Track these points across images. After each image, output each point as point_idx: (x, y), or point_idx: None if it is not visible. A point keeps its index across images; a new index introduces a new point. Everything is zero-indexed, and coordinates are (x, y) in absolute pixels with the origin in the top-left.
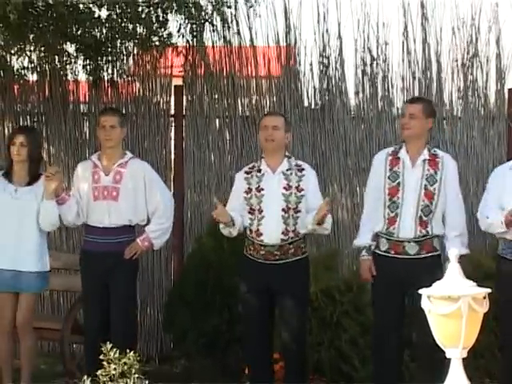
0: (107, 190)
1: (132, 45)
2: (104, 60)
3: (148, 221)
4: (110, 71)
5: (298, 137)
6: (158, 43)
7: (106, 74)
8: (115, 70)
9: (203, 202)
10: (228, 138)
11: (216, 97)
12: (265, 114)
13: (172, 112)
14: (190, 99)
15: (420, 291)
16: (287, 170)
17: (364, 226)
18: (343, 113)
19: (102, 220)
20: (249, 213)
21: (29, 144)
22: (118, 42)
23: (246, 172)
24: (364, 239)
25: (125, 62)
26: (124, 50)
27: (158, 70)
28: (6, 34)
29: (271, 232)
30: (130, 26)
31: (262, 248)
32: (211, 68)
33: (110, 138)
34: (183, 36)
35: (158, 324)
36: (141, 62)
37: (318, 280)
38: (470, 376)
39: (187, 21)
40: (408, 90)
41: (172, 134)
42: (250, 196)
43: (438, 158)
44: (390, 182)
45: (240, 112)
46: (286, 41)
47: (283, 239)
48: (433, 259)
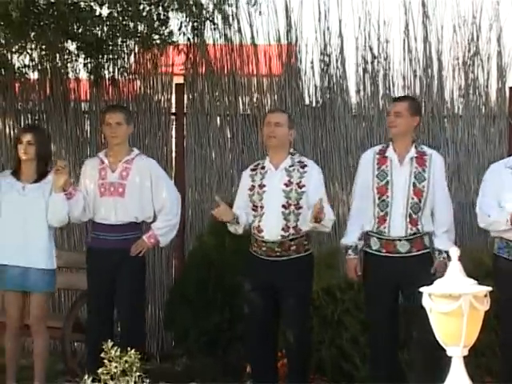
0: (113, 187)
1: (133, 43)
2: (105, 58)
3: (154, 218)
4: (111, 69)
5: (299, 135)
6: (159, 41)
7: (107, 72)
8: (116, 68)
9: (204, 199)
10: (229, 136)
11: (217, 95)
12: (269, 110)
13: (173, 110)
14: (191, 97)
15: (421, 289)
16: (290, 166)
17: (351, 225)
18: (344, 111)
19: (108, 217)
20: (252, 209)
21: (36, 142)
22: (119, 40)
23: (251, 169)
24: (351, 238)
25: (126, 60)
26: (125, 48)
27: (159, 68)
28: (7, 32)
29: (271, 228)
30: (131, 24)
31: (264, 244)
32: (212, 66)
33: (116, 135)
34: (184, 34)
35: (159, 322)
36: (142, 60)
37: (319, 278)
38: (471, 374)
39: (188, 19)
40: (409, 88)
41: (173, 132)
42: (252, 193)
43: (426, 156)
44: (378, 181)
45: (241, 110)
46: (287, 39)
47: (283, 235)
48: (424, 257)
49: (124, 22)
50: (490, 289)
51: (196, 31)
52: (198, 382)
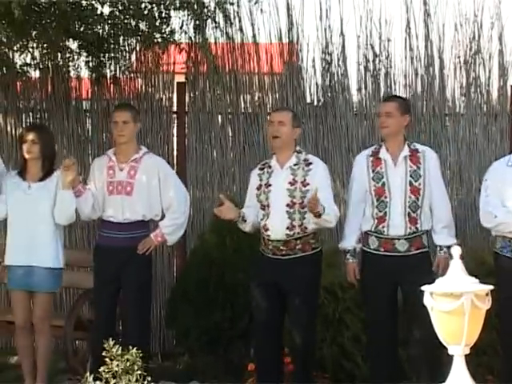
0: (121, 185)
1: (134, 41)
2: (106, 57)
3: (163, 216)
4: (113, 68)
5: (301, 133)
6: (160, 40)
7: (108, 71)
8: (118, 66)
9: (206, 198)
10: (230, 135)
11: (218, 93)
12: (273, 109)
13: (174, 108)
14: (192, 96)
15: (422, 288)
16: (294, 165)
17: (349, 229)
18: (346, 109)
19: (116, 215)
20: (261, 208)
21: (40, 141)
22: (121, 39)
23: (259, 168)
24: (349, 242)
25: (127, 58)
26: (126, 47)
27: (161, 67)
28: (8, 31)
29: (276, 227)
30: (133, 23)
31: (270, 243)
32: (214, 64)
33: (123, 133)
34: (186, 33)
35: (160, 320)
36: (143, 58)
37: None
38: (472, 373)
39: (190, 17)
40: (410, 87)
41: (174, 131)
42: (259, 192)
43: (419, 153)
44: (374, 184)
45: (242, 108)
46: (289, 37)
47: (288, 234)
48: (422, 256)
49: (125, 21)
50: (492, 287)
51: (198, 30)
52: (200, 381)
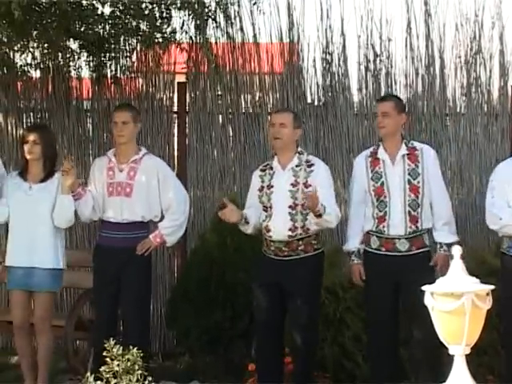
0: (121, 186)
1: (135, 41)
2: (107, 57)
3: (162, 217)
4: (113, 68)
5: (301, 133)
6: (161, 40)
7: (109, 71)
8: (118, 66)
9: (206, 198)
10: (231, 134)
11: (219, 93)
12: (274, 110)
13: (175, 108)
14: (193, 95)
15: (423, 288)
16: (296, 166)
17: (351, 230)
18: (346, 109)
19: (115, 216)
20: (263, 210)
21: (41, 142)
22: (121, 39)
23: (261, 170)
24: (353, 243)
25: (128, 58)
26: (127, 47)
27: (161, 67)
28: (9, 31)
29: (278, 228)
30: (134, 23)
31: (272, 244)
32: (214, 63)
33: (123, 134)
34: (186, 32)
35: (161, 320)
36: (144, 58)
37: None
38: (473, 373)
39: (190, 17)
40: (411, 87)
41: (175, 131)
42: (261, 194)
43: (417, 151)
44: (373, 184)
45: (243, 108)
46: (289, 37)
47: (290, 235)
48: (424, 255)
49: (126, 21)
50: (493, 287)
51: (198, 30)
52: (200, 380)
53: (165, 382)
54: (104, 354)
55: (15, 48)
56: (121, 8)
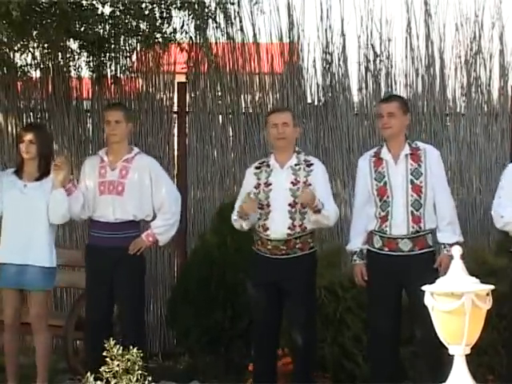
0: (113, 185)
1: (135, 41)
2: (107, 57)
3: (154, 216)
4: (113, 68)
5: (301, 133)
6: (161, 40)
7: (109, 71)
8: (118, 66)
9: (206, 198)
10: (231, 135)
11: (219, 93)
12: (271, 110)
13: (175, 108)
14: (193, 96)
15: (423, 288)
16: (295, 165)
17: (354, 231)
18: (346, 109)
19: (107, 215)
20: (259, 208)
21: (38, 141)
22: (122, 39)
23: (256, 167)
24: (355, 244)
25: (128, 58)
26: (127, 47)
27: (162, 67)
28: (9, 31)
29: (277, 227)
30: (134, 23)
31: (269, 243)
32: (214, 63)
33: (115, 133)
34: (186, 33)
35: (161, 320)
36: (144, 58)
37: (321, 276)
38: (473, 373)
39: (190, 17)
40: (411, 87)
41: (175, 131)
42: (258, 191)
43: (420, 151)
44: (376, 183)
45: (243, 108)
46: (289, 37)
47: (289, 234)
48: (427, 255)
49: (126, 21)
50: (493, 287)
51: (198, 30)
52: (200, 380)
53: (165, 382)
54: (103, 354)
55: (15, 48)
56: (121, 8)
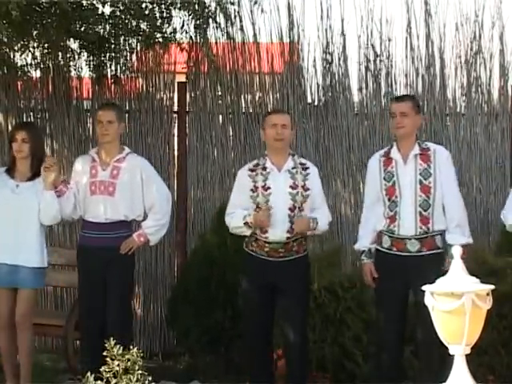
0: (104, 185)
1: (135, 41)
2: (107, 56)
3: (145, 216)
4: (114, 68)
5: (302, 133)
6: (161, 40)
7: (109, 71)
8: (118, 66)
9: (206, 198)
10: (231, 134)
11: (219, 93)
12: (270, 111)
13: (175, 108)
14: (193, 95)
15: (423, 287)
16: (292, 168)
17: (363, 230)
18: (346, 109)
19: (98, 215)
20: (255, 211)
21: (30, 140)
22: (122, 39)
23: (250, 169)
24: (363, 243)
25: (128, 58)
26: (127, 47)
27: (162, 67)
28: (9, 31)
29: (277, 230)
30: (134, 23)
31: (267, 245)
32: (214, 64)
33: (107, 132)
34: (187, 32)
35: (161, 320)
36: (144, 58)
37: (321, 277)
38: (473, 372)
39: (191, 17)
40: (411, 87)
41: (175, 131)
42: (256, 194)
43: (430, 151)
44: (385, 183)
45: (243, 108)
46: (290, 37)
47: (288, 237)
48: (435, 256)
49: (126, 21)
50: (493, 287)
51: (198, 29)
52: (200, 380)
53: (165, 381)
54: (91, 353)
55: (15, 48)
56: (121, 8)
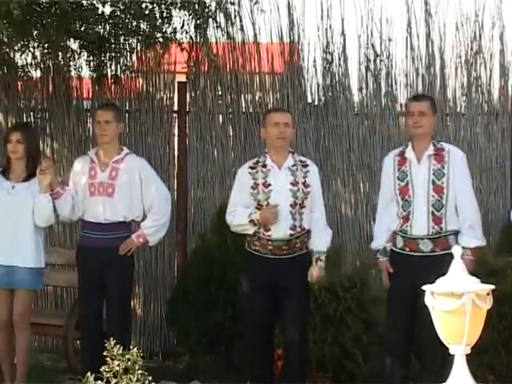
0: (103, 187)
1: (135, 41)
2: (107, 56)
3: (144, 217)
4: (114, 67)
5: (302, 133)
6: (161, 39)
7: (109, 71)
8: (118, 66)
9: (207, 198)
10: (231, 134)
11: (219, 93)
12: (271, 109)
13: (175, 108)
14: (193, 95)
15: (423, 287)
16: (292, 165)
17: (378, 229)
18: (347, 109)
19: (97, 216)
20: (256, 208)
21: (25, 141)
22: (122, 39)
23: (250, 167)
24: (378, 242)
25: (128, 58)
26: (127, 47)
27: (162, 67)
28: (9, 31)
29: (280, 227)
30: (134, 23)
31: (270, 243)
32: (214, 64)
33: (106, 133)
34: (187, 32)
35: (161, 320)
36: (144, 58)
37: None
38: (473, 372)
39: (191, 17)
40: (411, 87)
41: (175, 130)
42: (257, 191)
43: (444, 152)
44: (399, 183)
45: (243, 108)
46: (290, 37)
47: (291, 234)
48: (448, 257)
49: (126, 21)
50: (493, 287)
51: (198, 29)
52: (201, 380)
53: (165, 381)
54: (91, 353)
55: (15, 48)
56: (121, 8)
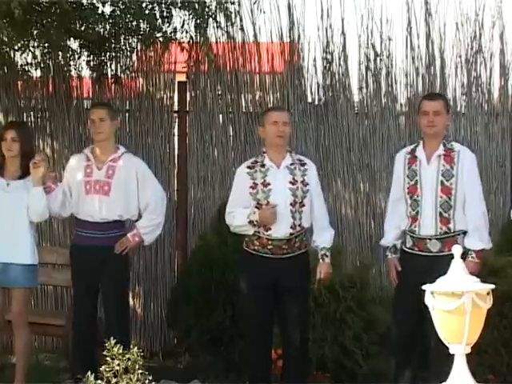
0: (99, 185)
1: (136, 41)
2: (107, 56)
3: (139, 216)
4: (114, 67)
5: (302, 132)
6: (161, 39)
7: (109, 70)
8: (119, 65)
9: (207, 197)
10: (231, 134)
11: (219, 92)
12: (269, 108)
13: (175, 108)
14: (193, 95)
15: (424, 287)
16: (291, 164)
17: (387, 226)
18: (347, 109)
19: (92, 214)
20: (256, 208)
21: (20, 139)
22: (122, 38)
23: (248, 167)
24: (387, 239)
25: (128, 57)
26: (127, 46)
27: (162, 66)
28: (9, 30)
29: (280, 226)
30: (134, 22)
31: (270, 242)
32: (214, 63)
33: (100, 131)
34: (187, 32)
35: (161, 320)
36: (144, 57)
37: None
38: (473, 372)
39: (191, 17)
40: (412, 86)
41: (175, 130)
42: (256, 191)
43: (454, 152)
44: (408, 181)
45: (243, 108)
46: (290, 36)
47: (291, 233)
48: None
49: (126, 20)
50: (493, 287)
51: (199, 29)
52: (201, 380)
53: (165, 381)
54: (82, 353)
55: (16, 47)
56: (121, 7)
